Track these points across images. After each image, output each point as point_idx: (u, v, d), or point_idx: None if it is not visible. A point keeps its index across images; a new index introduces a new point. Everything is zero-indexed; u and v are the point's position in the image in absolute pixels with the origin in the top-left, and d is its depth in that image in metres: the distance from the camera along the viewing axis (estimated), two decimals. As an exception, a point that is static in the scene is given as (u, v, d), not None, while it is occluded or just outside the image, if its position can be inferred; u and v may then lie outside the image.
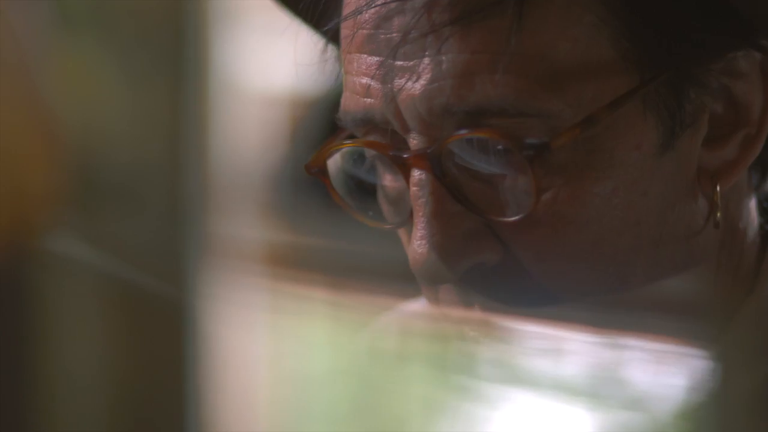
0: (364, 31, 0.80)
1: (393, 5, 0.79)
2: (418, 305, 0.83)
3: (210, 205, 1.18)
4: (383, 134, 0.81)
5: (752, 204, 0.85)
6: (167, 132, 1.07)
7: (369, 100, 0.80)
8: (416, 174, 0.79)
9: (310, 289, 0.83)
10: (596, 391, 0.72)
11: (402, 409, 0.71)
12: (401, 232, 0.82)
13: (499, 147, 0.77)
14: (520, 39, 0.77)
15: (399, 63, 0.79)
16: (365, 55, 0.80)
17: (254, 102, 0.90)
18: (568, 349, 0.72)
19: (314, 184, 0.86)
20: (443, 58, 0.78)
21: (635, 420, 0.73)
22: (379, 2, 0.79)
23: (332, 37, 0.85)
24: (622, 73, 0.79)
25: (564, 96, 0.77)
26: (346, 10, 0.81)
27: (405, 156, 0.79)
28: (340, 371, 0.75)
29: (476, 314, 0.77)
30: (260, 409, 0.76)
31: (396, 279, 0.81)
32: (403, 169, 0.79)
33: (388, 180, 0.83)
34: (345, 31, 0.82)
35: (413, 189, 0.79)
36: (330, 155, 0.83)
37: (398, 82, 0.79)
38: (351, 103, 0.81)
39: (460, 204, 0.78)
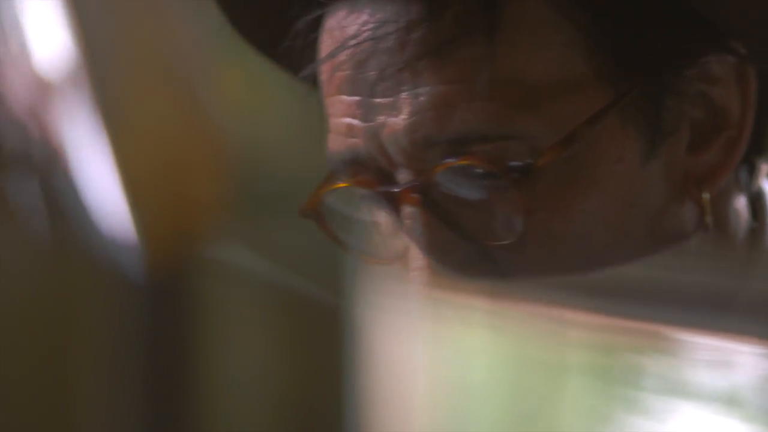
0: (342, 73, 0.81)
1: (367, 45, 0.79)
2: (578, 314, 0.83)
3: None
4: (371, 172, 0.82)
5: (742, 204, 0.86)
6: (326, 141, 1.08)
7: (353, 139, 0.82)
8: (407, 208, 0.80)
9: (469, 297, 0.84)
10: (763, 404, 0.71)
11: (563, 420, 0.71)
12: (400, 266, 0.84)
13: (485, 172, 0.78)
14: (494, 65, 0.78)
15: (378, 100, 0.80)
16: (345, 96, 0.81)
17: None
18: (735, 361, 0.71)
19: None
20: (420, 91, 0.79)
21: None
22: (351, 44, 0.79)
23: (313, 81, 0.87)
24: (598, 89, 0.79)
25: (542, 116, 0.78)
26: (322, 54, 0.83)
27: (394, 191, 0.80)
28: (500, 380, 0.75)
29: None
30: (418, 416, 0.76)
31: (556, 287, 0.80)
32: (393, 204, 0.81)
33: (381, 216, 0.84)
34: (323, 75, 0.83)
35: (406, 222, 0.80)
36: (322, 198, 0.85)
37: (380, 118, 0.80)
38: (336, 144, 0.83)
39: (453, 232, 0.78)
